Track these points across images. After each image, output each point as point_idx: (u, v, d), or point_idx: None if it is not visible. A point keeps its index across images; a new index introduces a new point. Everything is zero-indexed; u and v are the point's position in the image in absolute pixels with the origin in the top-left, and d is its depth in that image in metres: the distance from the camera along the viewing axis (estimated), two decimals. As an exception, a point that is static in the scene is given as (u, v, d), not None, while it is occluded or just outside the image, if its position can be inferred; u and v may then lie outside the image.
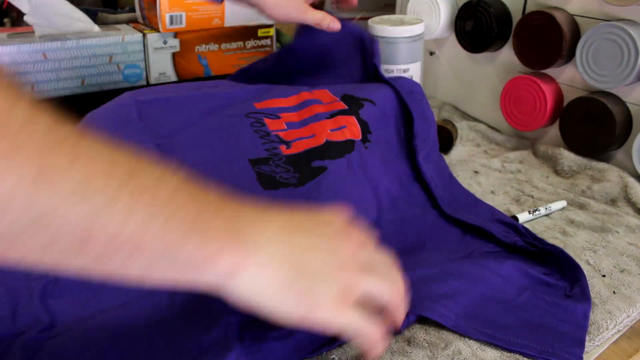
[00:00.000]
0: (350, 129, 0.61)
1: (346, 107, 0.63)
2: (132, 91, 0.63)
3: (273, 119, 0.62)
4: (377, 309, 0.37)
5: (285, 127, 0.62)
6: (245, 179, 0.56)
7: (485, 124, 0.87)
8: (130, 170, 0.28)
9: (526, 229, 0.57)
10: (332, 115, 0.62)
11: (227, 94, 0.64)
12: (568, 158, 0.73)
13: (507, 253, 0.55)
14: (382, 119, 0.65)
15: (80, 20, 0.81)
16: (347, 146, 0.60)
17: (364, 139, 0.62)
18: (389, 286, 0.37)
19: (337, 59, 0.74)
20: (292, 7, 0.67)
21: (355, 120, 0.62)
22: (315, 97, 0.65)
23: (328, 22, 0.69)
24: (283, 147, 0.59)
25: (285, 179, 0.57)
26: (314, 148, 0.59)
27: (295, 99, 0.64)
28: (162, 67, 0.85)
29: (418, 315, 0.46)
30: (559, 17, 0.72)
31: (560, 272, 0.52)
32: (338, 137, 0.60)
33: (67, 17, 0.79)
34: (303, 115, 0.63)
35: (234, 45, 0.90)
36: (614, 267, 0.54)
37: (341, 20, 0.70)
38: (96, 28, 0.83)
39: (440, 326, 0.46)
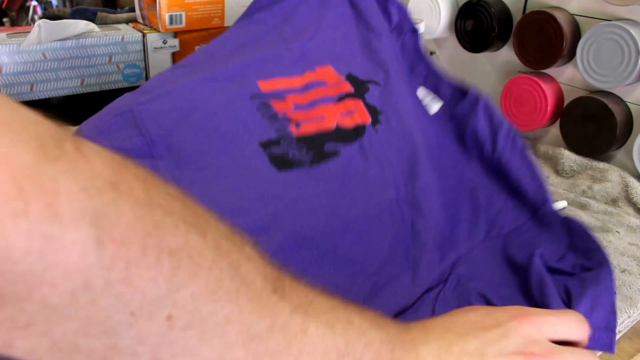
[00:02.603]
0: (359, 113, 0.60)
1: (352, 89, 0.62)
2: (130, 94, 0.60)
3: (279, 99, 0.60)
4: None
5: (292, 107, 0.59)
6: (257, 162, 0.54)
7: (485, 123, 0.87)
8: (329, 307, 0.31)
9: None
10: (340, 98, 0.61)
11: (223, 72, 0.61)
12: (568, 158, 0.73)
13: (536, 224, 0.55)
14: (391, 93, 0.64)
15: (80, 24, 0.81)
16: (358, 131, 0.59)
17: (374, 121, 0.60)
18: None
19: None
20: None
21: (363, 104, 0.61)
22: (319, 78, 0.63)
23: None
24: (292, 127, 0.57)
25: (298, 157, 0.55)
26: (325, 132, 0.58)
27: (300, 80, 0.62)
28: (161, 66, 0.85)
29: None
30: (560, 16, 0.72)
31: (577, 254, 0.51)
32: (348, 123, 0.59)
33: (70, 26, 0.79)
34: (310, 96, 0.61)
35: (234, 45, 0.89)
36: (615, 267, 0.54)
37: None
38: (96, 28, 0.82)
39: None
